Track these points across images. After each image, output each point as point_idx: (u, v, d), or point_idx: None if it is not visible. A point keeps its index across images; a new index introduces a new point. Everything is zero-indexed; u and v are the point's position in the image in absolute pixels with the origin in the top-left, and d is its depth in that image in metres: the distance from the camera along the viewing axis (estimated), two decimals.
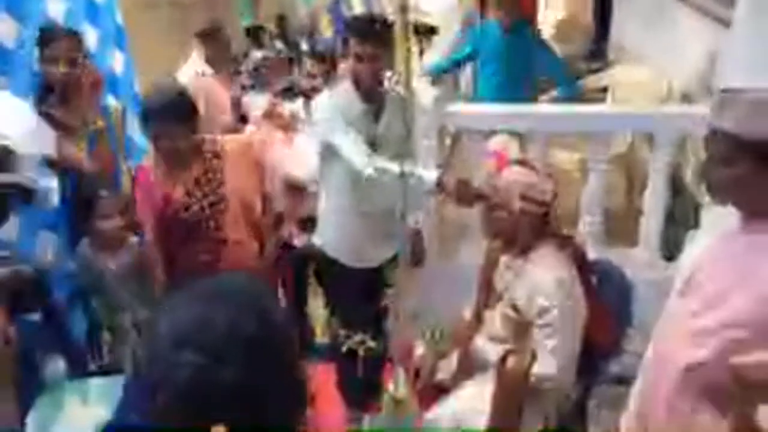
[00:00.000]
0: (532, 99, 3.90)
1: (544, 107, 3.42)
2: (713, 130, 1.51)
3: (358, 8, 9.92)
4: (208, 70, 3.69)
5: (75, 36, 2.76)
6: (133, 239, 2.66)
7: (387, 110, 2.57)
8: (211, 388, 0.91)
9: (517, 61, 3.74)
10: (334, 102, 2.55)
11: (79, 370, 2.63)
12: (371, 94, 2.53)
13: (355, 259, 2.72)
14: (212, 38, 3.87)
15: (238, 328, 0.94)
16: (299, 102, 3.43)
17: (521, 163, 2.19)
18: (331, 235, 2.73)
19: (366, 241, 2.68)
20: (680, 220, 3.37)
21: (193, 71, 3.65)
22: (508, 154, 2.68)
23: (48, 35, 2.68)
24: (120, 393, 2.37)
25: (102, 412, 2.35)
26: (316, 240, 2.79)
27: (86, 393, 2.47)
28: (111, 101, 2.97)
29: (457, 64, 4.20)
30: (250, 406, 0.93)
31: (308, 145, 2.99)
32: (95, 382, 2.51)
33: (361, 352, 2.07)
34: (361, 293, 2.73)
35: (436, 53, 5.11)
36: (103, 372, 2.62)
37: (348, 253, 2.71)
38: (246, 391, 0.92)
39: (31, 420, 2.54)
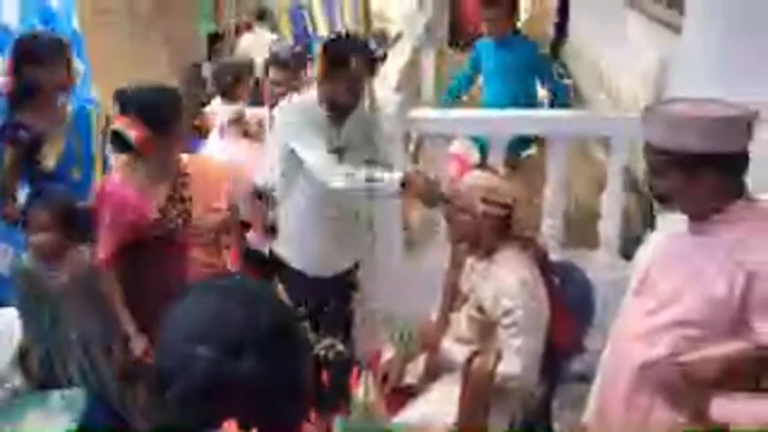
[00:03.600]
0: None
1: (504, 112, 3.47)
2: (646, 143, 1.57)
3: (319, 16, 9.93)
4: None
5: (59, 40, 2.75)
6: (82, 251, 2.49)
7: (351, 116, 2.59)
8: (225, 383, 0.92)
9: (513, 74, 3.74)
10: (299, 107, 2.56)
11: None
12: (337, 104, 2.54)
13: (323, 267, 2.72)
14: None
15: (254, 324, 0.95)
16: (265, 109, 3.41)
17: (482, 166, 2.23)
18: (296, 244, 2.71)
19: (332, 249, 2.69)
20: (638, 219, 3.46)
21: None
22: (469, 159, 2.72)
23: (31, 41, 2.66)
24: (86, 404, 2.35)
25: (65, 422, 2.31)
26: (280, 251, 2.77)
27: (49, 404, 2.41)
28: (87, 105, 2.94)
29: (469, 81, 4.15)
30: (262, 402, 0.94)
31: (273, 152, 2.99)
32: (59, 394, 2.46)
33: (330, 356, 2.08)
34: (329, 299, 2.74)
35: (398, 57, 5.17)
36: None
37: (313, 262, 2.71)
38: (259, 386, 0.94)
39: None
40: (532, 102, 3.91)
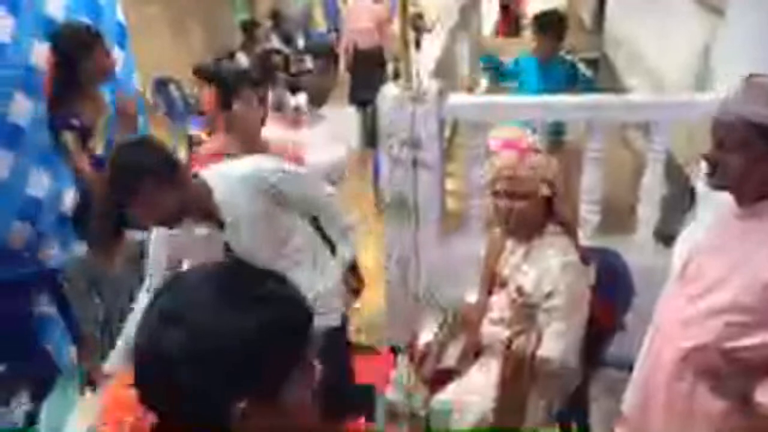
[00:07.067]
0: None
1: (544, 97, 3.45)
2: (729, 117, 1.52)
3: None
4: None
5: (93, 29, 2.82)
6: (134, 235, 2.66)
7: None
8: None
9: (551, 92, 3.78)
10: None
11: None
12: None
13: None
14: None
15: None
16: (302, 97, 3.43)
17: (537, 150, 2.21)
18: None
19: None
20: (677, 205, 3.41)
21: None
22: (523, 144, 2.67)
23: (67, 34, 2.73)
24: None
25: None
26: None
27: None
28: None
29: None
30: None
31: (314, 136, 3.06)
32: None
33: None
34: None
35: (435, 44, 5.15)
36: None
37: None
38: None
39: (44, 412, 2.59)
40: None
